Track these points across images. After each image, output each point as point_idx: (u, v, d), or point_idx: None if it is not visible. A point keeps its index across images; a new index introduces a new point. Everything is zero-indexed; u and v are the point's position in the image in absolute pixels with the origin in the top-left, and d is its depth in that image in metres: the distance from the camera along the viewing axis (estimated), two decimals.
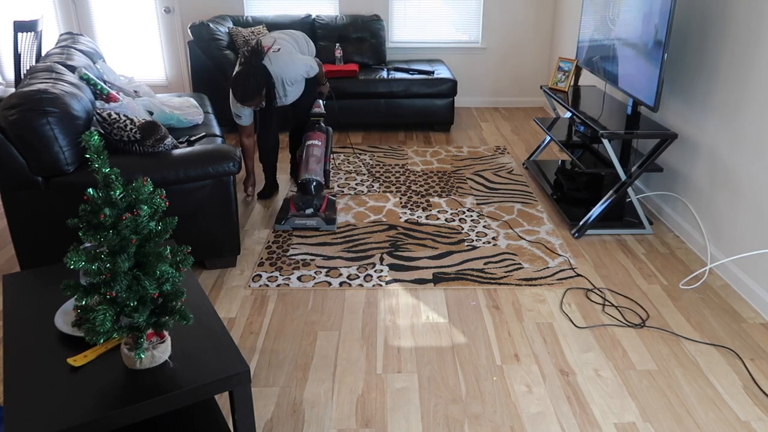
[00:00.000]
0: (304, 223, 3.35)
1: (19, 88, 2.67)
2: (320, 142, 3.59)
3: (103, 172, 1.29)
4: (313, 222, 3.35)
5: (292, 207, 3.40)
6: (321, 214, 3.38)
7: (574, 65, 4.11)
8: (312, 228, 3.36)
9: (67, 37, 3.92)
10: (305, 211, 3.38)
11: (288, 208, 3.43)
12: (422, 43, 5.93)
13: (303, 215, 3.36)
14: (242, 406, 1.49)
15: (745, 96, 2.79)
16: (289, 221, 3.35)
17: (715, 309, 2.68)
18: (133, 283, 1.33)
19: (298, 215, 3.36)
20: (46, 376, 1.41)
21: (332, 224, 3.36)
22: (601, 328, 2.55)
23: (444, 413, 2.08)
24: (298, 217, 3.35)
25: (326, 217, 3.38)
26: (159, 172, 2.67)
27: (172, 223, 1.38)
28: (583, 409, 2.10)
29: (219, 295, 2.80)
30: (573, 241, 3.29)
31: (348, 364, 2.33)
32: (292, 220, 3.35)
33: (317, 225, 3.35)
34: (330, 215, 3.41)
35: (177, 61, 5.95)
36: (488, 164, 4.44)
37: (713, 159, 3.05)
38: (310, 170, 3.47)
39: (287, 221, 3.35)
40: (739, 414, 2.08)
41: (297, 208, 3.38)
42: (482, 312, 2.66)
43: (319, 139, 3.61)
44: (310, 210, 3.38)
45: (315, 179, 3.43)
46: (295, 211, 3.38)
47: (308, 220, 3.35)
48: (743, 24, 2.79)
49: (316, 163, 3.51)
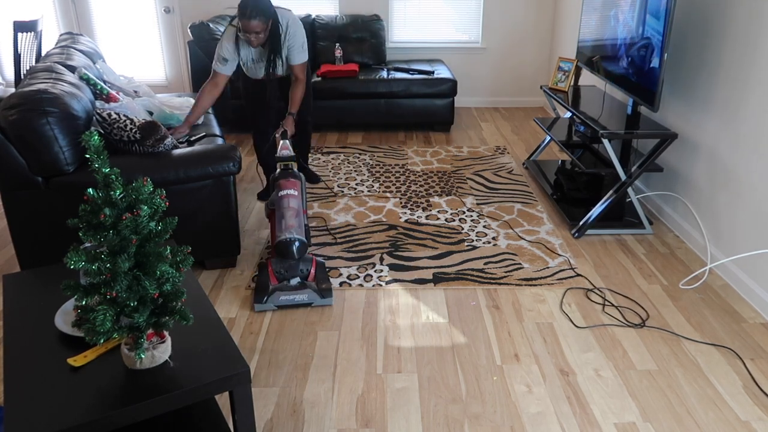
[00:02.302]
0: (293, 298, 2.66)
1: (19, 88, 2.67)
2: (296, 191, 2.85)
3: (103, 172, 1.29)
4: (303, 297, 2.67)
5: (272, 278, 2.71)
6: (311, 284, 2.72)
7: (574, 65, 4.11)
8: (303, 304, 2.69)
9: (67, 37, 3.92)
10: (290, 281, 2.72)
11: (267, 280, 2.72)
12: (422, 43, 5.93)
13: (289, 288, 2.69)
14: (242, 406, 1.49)
15: (745, 96, 2.79)
16: (272, 298, 2.65)
17: (715, 309, 2.68)
18: (133, 283, 1.33)
19: (282, 289, 2.68)
20: (46, 376, 1.41)
21: (329, 296, 2.69)
22: (601, 328, 2.55)
23: (444, 413, 2.08)
24: (283, 292, 2.66)
25: (320, 288, 2.71)
26: (159, 172, 2.67)
27: (172, 223, 1.38)
28: (583, 409, 2.10)
29: (219, 295, 2.80)
30: (573, 241, 3.29)
31: (348, 364, 2.33)
32: (276, 297, 2.65)
33: (309, 300, 2.68)
34: (324, 286, 2.72)
35: (177, 61, 5.95)
36: (488, 164, 4.44)
37: (713, 159, 3.05)
38: (288, 227, 2.69)
39: (270, 298, 2.65)
40: (739, 414, 2.08)
41: (278, 279, 2.71)
42: (482, 312, 2.66)
43: (294, 188, 2.85)
44: (296, 280, 2.72)
45: (297, 238, 2.65)
46: (276, 283, 2.71)
47: (297, 295, 2.67)
48: (743, 24, 2.79)
49: (295, 217, 2.74)
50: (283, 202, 2.79)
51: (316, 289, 2.70)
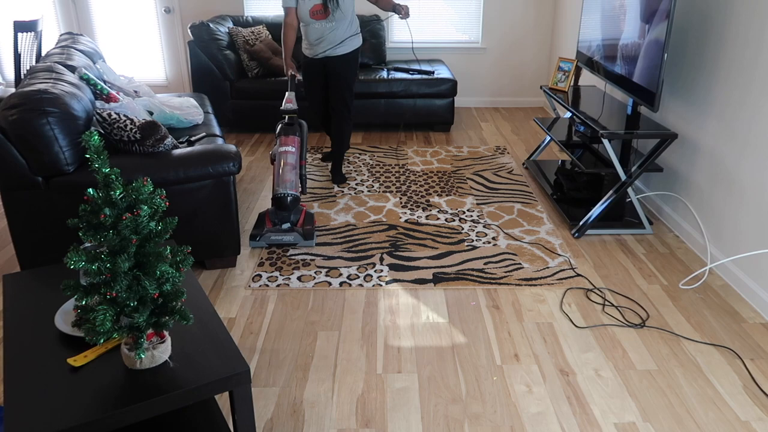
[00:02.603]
0: (281, 239, 3.19)
1: (19, 88, 2.67)
2: (294, 147, 3.38)
3: (103, 172, 1.29)
4: (290, 237, 3.19)
5: (268, 222, 3.26)
6: (298, 229, 3.22)
7: (574, 65, 4.11)
8: (289, 244, 3.22)
9: (67, 37, 3.92)
10: (281, 226, 3.23)
11: (263, 224, 3.27)
12: (422, 43, 5.93)
13: (279, 230, 3.20)
14: (242, 406, 1.49)
15: (745, 96, 2.79)
16: (265, 237, 3.20)
17: (715, 309, 2.68)
18: (133, 283, 1.33)
19: (273, 231, 3.20)
20: (46, 376, 1.41)
21: (310, 239, 3.20)
22: (601, 328, 2.55)
23: (444, 413, 2.08)
24: (273, 233, 3.19)
25: (304, 231, 3.22)
26: (159, 172, 2.67)
27: (172, 223, 1.38)
28: (583, 409, 2.10)
29: (219, 295, 2.80)
30: (573, 241, 3.29)
31: (348, 364, 2.33)
32: (268, 236, 3.20)
33: (294, 240, 3.20)
34: (308, 230, 3.25)
35: (177, 61, 5.95)
36: (488, 164, 4.44)
37: (713, 159, 3.05)
38: (284, 182, 3.27)
39: (262, 237, 3.19)
40: (739, 414, 2.08)
41: (273, 224, 3.25)
42: (482, 312, 2.66)
43: (293, 144, 3.39)
44: (286, 225, 3.24)
45: (290, 193, 3.25)
46: (270, 227, 3.23)
47: (285, 236, 3.19)
48: (743, 24, 2.79)
49: (291, 172, 3.31)
50: (281, 157, 3.35)
51: (301, 232, 3.22)
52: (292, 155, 3.36)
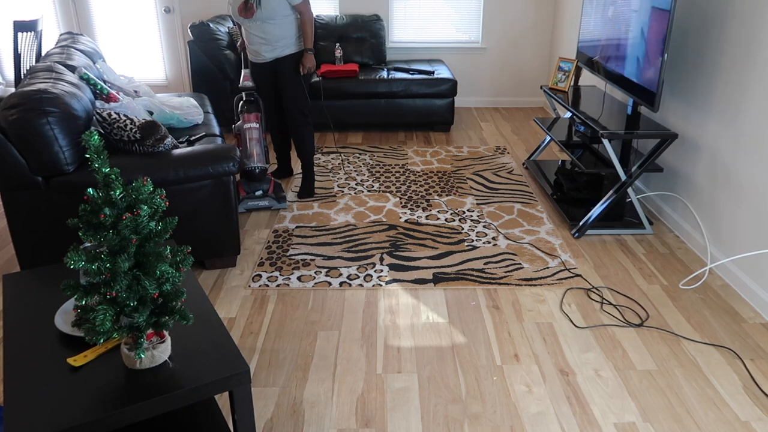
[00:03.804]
0: (257, 204, 3.59)
1: (19, 88, 2.67)
2: (257, 123, 3.66)
3: (103, 172, 1.29)
4: (265, 202, 3.60)
5: (241, 190, 3.61)
6: (271, 195, 3.62)
7: (574, 65, 4.11)
8: (265, 208, 3.62)
9: (67, 37, 3.92)
10: (254, 193, 3.60)
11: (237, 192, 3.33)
12: (422, 43, 5.93)
13: (254, 197, 3.59)
14: (242, 406, 1.49)
15: (745, 96, 2.79)
16: (243, 204, 3.58)
17: (715, 309, 2.68)
18: (133, 283, 1.33)
19: (249, 198, 3.59)
20: (46, 376, 1.41)
21: (284, 202, 3.63)
22: (601, 328, 2.55)
23: (444, 413, 2.08)
24: (250, 200, 3.59)
25: (277, 196, 3.63)
26: (159, 172, 2.67)
27: (172, 223, 1.38)
28: (583, 409, 2.10)
29: (219, 295, 2.80)
30: (573, 241, 3.29)
31: (348, 364, 2.33)
32: (245, 203, 3.58)
33: (270, 204, 3.61)
34: (280, 194, 3.65)
35: (177, 61, 5.95)
36: (488, 164, 4.44)
37: (713, 159, 3.05)
38: (252, 155, 3.60)
39: (241, 204, 3.54)
40: (739, 414, 2.08)
41: (246, 193, 3.60)
42: (482, 312, 2.66)
43: (256, 120, 3.66)
44: (259, 192, 3.61)
45: (259, 166, 3.60)
46: (245, 194, 3.60)
47: (260, 201, 3.59)
48: (743, 24, 2.79)
49: (257, 145, 3.63)
50: (247, 133, 3.63)
51: (275, 197, 3.64)
52: (257, 130, 3.64)
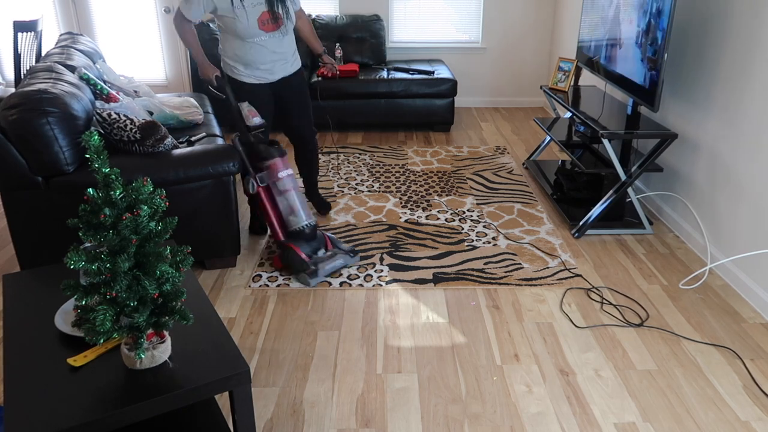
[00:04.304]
0: (334, 266, 2.90)
1: (19, 88, 2.67)
2: (290, 168, 2.95)
3: (103, 172, 1.29)
4: (340, 261, 2.93)
5: (305, 257, 2.84)
6: (338, 251, 2.97)
7: (574, 65, 4.11)
8: (342, 267, 2.96)
9: (67, 37, 3.92)
10: (319, 254, 2.92)
11: (298, 260, 2.83)
12: (422, 43, 5.93)
13: (325, 259, 2.89)
14: (242, 406, 1.49)
15: (745, 96, 2.79)
16: (320, 271, 2.83)
17: (715, 309, 2.68)
18: (133, 283, 1.33)
19: (322, 260, 2.87)
20: (46, 376, 1.41)
21: (356, 255, 3.00)
22: (601, 328, 2.55)
23: (444, 413, 2.08)
24: (324, 263, 2.87)
25: (347, 250, 2.98)
26: (159, 172, 2.67)
27: (172, 223, 1.38)
28: (583, 409, 2.10)
29: (219, 295, 2.80)
30: (573, 241, 3.29)
31: (348, 364, 2.33)
32: (321, 269, 2.84)
33: (345, 262, 2.95)
34: (342, 246, 3.01)
35: (177, 61, 5.95)
36: (488, 164, 4.44)
37: (713, 159, 3.05)
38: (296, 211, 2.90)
39: (318, 272, 2.82)
40: (739, 414, 2.08)
41: (309, 256, 2.87)
42: (482, 312, 2.66)
43: (289, 166, 2.95)
44: (322, 251, 2.95)
45: (310, 223, 2.93)
46: (307, 258, 2.85)
47: (334, 262, 2.91)
48: (743, 24, 2.79)
49: (298, 196, 2.94)
50: (281, 184, 2.89)
51: (344, 251, 2.98)
52: (292, 177, 2.94)
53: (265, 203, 2.91)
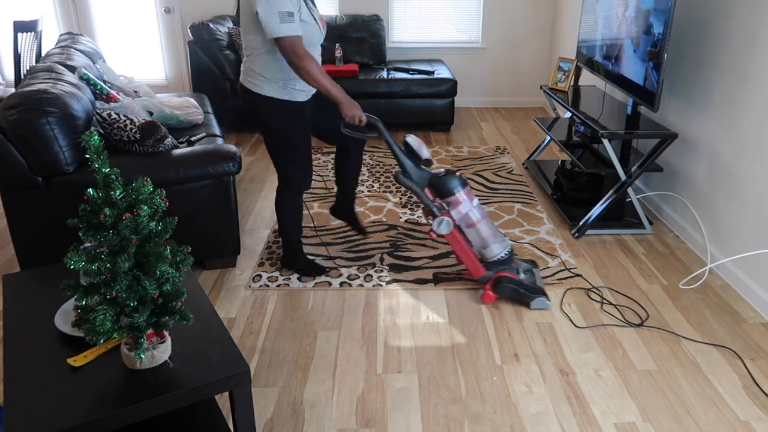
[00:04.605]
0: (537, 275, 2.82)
1: (19, 88, 2.67)
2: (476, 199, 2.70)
3: (103, 172, 1.29)
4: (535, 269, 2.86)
5: (519, 280, 2.69)
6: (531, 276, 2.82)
7: (574, 65, 4.11)
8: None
9: (67, 37, 3.92)
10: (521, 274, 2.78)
11: (520, 284, 2.66)
12: (422, 43, 5.93)
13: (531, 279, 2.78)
14: (242, 406, 1.49)
15: (745, 95, 2.79)
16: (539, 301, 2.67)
17: (715, 309, 2.68)
18: (133, 283, 1.33)
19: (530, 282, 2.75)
20: (46, 376, 1.41)
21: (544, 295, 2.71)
22: (601, 328, 2.55)
23: (444, 413, 2.08)
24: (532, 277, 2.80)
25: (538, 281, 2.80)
26: (159, 172, 2.67)
27: (172, 223, 1.38)
28: (583, 409, 2.10)
29: (219, 295, 2.80)
30: (573, 241, 3.29)
31: (348, 364, 2.33)
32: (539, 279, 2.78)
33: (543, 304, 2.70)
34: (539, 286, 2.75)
35: (177, 61, 5.95)
36: (488, 164, 4.44)
37: (713, 159, 3.05)
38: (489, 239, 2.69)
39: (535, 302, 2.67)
40: (739, 414, 2.08)
41: (519, 277, 2.73)
42: (482, 312, 2.66)
43: (474, 196, 2.69)
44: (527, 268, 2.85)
45: (507, 251, 2.72)
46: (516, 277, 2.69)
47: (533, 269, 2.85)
48: (743, 24, 2.79)
49: (489, 224, 2.71)
50: (482, 213, 2.70)
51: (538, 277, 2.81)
52: (480, 207, 2.71)
53: (461, 242, 2.68)
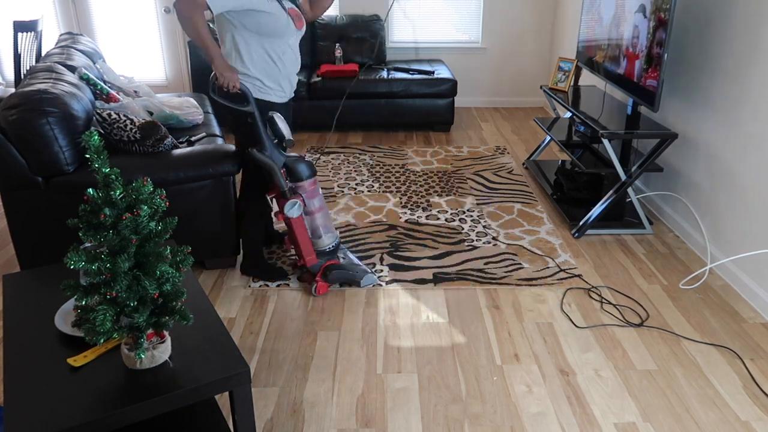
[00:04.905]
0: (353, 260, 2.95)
1: (19, 88, 2.67)
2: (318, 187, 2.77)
3: (103, 172, 1.29)
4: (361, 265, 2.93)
5: (353, 259, 2.90)
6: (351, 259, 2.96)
7: (574, 65, 4.11)
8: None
9: (67, 37, 3.92)
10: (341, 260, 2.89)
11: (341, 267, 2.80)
12: (422, 43, 5.93)
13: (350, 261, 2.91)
14: (242, 406, 1.49)
15: (745, 95, 2.79)
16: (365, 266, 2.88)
17: (715, 309, 2.68)
18: (133, 283, 1.33)
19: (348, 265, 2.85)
20: (46, 376, 1.41)
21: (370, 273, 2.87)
22: (601, 328, 2.55)
23: (444, 413, 2.08)
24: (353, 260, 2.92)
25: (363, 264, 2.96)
26: (159, 172, 2.67)
27: (172, 223, 1.38)
28: (583, 409, 2.10)
29: (219, 295, 2.80)
30: (573, 241, 3.29)
31: (348, 364, 2.33)
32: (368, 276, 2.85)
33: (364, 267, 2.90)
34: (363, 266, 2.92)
35: (177, 61, 5.95)
36: (488, 164, 4.44)
37: (713, 159, 3.05)
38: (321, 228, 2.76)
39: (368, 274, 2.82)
40: (739, 414, 2.08)
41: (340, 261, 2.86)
42: (482, 312, 2.66)
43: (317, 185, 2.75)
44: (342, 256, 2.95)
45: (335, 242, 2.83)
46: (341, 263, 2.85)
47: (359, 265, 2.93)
48: (744, 23, 2.79)
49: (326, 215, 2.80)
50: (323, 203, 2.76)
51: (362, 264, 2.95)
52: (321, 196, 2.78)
53: (304, 228, 2.69)
